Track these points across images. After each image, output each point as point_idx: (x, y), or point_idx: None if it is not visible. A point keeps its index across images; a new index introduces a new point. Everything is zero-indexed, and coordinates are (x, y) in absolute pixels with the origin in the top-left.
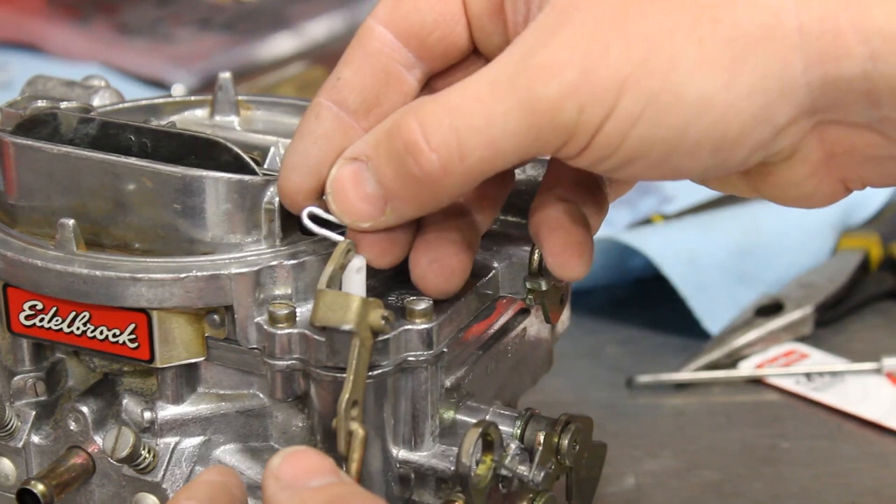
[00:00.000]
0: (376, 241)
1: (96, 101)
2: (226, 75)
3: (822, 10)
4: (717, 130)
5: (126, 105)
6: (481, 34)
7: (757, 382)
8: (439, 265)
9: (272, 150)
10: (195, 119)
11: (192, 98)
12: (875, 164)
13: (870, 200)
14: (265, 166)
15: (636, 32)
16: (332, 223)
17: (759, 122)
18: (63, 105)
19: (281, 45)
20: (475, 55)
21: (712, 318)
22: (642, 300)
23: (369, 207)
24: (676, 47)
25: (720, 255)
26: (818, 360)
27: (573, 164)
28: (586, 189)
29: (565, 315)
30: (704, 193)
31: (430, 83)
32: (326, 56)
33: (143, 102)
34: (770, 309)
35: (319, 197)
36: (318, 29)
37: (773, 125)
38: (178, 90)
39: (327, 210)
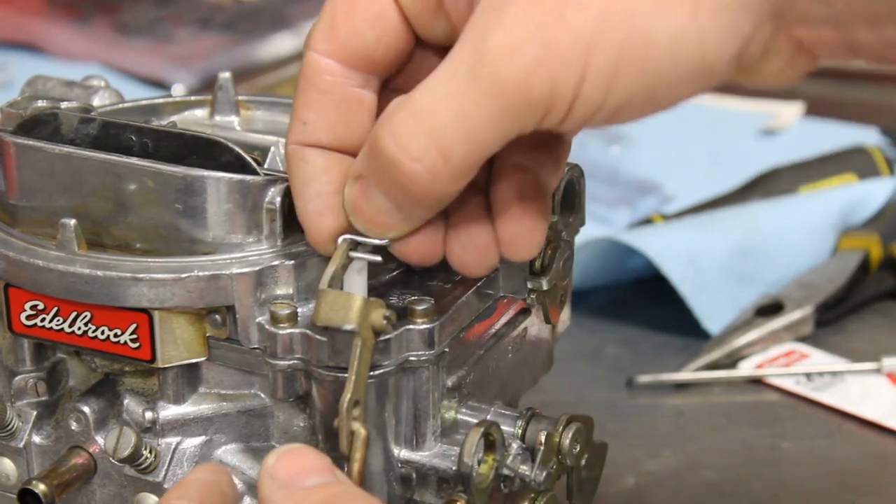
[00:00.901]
0: (415, 247)
1: (96, 102)
2: (226, 75)
3: None
4: (693, 59)
5: (126, 105)
6: (424, 30)
7: (757, 382)
8: (473, 246)
9: (272, 149)
10: (195, 119)
11: (192, 98)
12: (841, 50)
13: (870, 200)
14: (265, 166)
15: None
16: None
17: (729, 37)
18: (63, 105)
19: (281, 45)
20: (421, 46)
21: (712, 318)
22: (642, 300)
23: (386, 218)
24: None
25: (720, 255)
26: (818, 360)
27: (561, 131)
28: (544, 144)
29: (565, 315)
30: (704, 193)
31: (387, 84)
32: None
33: (143, 102)
34: (770, 309)
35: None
36: None
37: (742, 36)
38: (178, 90)
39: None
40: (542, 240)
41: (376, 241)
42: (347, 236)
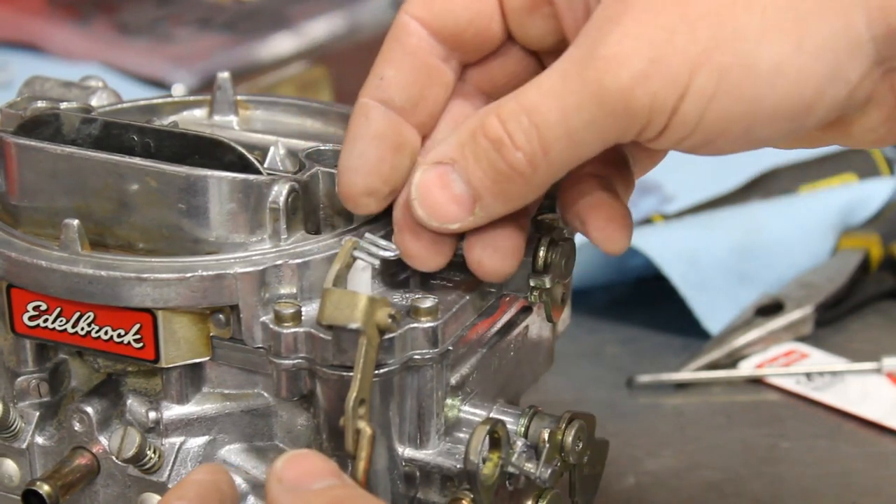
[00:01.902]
0: (487, 251)
1: (94, 102)
2: (224, 75)
3: None
4: (793, 95)
5: (125, 105)
6: (518, 27)
7: (757, 382)
8: (493, 249)
9: (272, 149)
10: (194, 119)
11: (191, 98)
12: None
13: (870, 200)
14: (265, 165)
15: (697, 11)
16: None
17: (832, 80)
18: (63, 105)
19: (281, 45)
20: (510, 42)
21: (712, 318)
22: (642, 300)
23: (458, 208)
24: (739, 19)
25: (720, 255)
26: (818, 359)
27: (654, 147)
28: (614, 166)
29: (566, 314)
30: (704, 193)
31: (466, 71)
32: (326, 56)
33: (142, 102)
34: (770, 309)
35: (382, 197)
36: (318, 29)
37: (847, 81)
38: (178, 90)
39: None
40: (631, 230)
41: (383, 253)
42: (351, 237)
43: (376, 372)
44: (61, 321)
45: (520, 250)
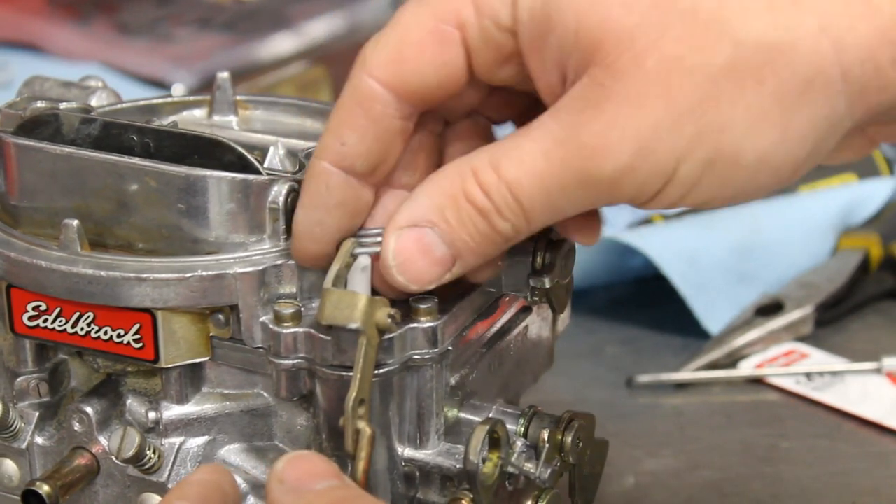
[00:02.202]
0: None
1: (94, 102)
2: (224, 75)
3: (862, 52)
4: (775, 177)
5: (124, 105)
6: (485, 76)
7: (757, 382)
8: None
9: (271, 149)
10: (193, 119)
11: (191, 98)
12: None
13: (870, 200)
14: (265, 165)
15: (683, 106)
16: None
17: (812, 157)
18: (62, 106)
19: (281, 45)
20: (471, 87)
21: (712, 318)
22: (642, 300)
23: (440, 270)
24: (724, 114)
25: (720, 255)
26: (818, 359)
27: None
28: None
29: (566, 313)
30: None
31: (424, 118)
32: (326, 56)
33: (142, 103)
34: (770, 309)
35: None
36: (318, 29)
37: (824, 154)
38: (178, 90)
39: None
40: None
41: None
42: (351, 237)
43: (376, 372)
44: (61, 321)
45: (497, 266)
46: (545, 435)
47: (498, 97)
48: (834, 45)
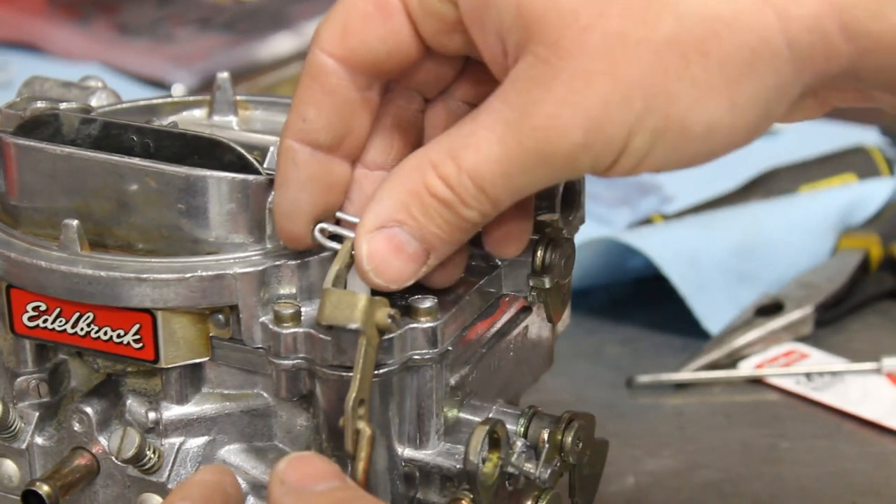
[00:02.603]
0: (437, 277)
1: (93, 102)
2: (224, 75)
3: (808, 21)
4: (725, 144)
5: (124, 106)
6: (437, 45)
7: (757, 382)
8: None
9: (271, 149)
10: (193, 119)
11: (190, 98)
12: (857, 104)
13: (870, 200)
14: (265, 166)
15: (630, 80)
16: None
17: (761, 123)
18: (62, 106)
19: (281, 45)
20: (430, 54)
21: (712, 318)
22: (642, 300)
23: (415, 265)
24: (671, 87)
25: (720, 255)
26: (818, 360)
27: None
28: None
29: (566, 313)
30: (704, 193)
31: (391, 91)
32: None
33: (142, 103)
34: (770, 309)
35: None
36: None
37: (775, 118)
38: (178, 90)
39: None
40: (525, 242)
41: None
42: (323, 225)
43: (376, 372)
44: (61, 321)
45: (465, 259)
46: (545, 435)
47: (472, 74)
48: (778, 15)
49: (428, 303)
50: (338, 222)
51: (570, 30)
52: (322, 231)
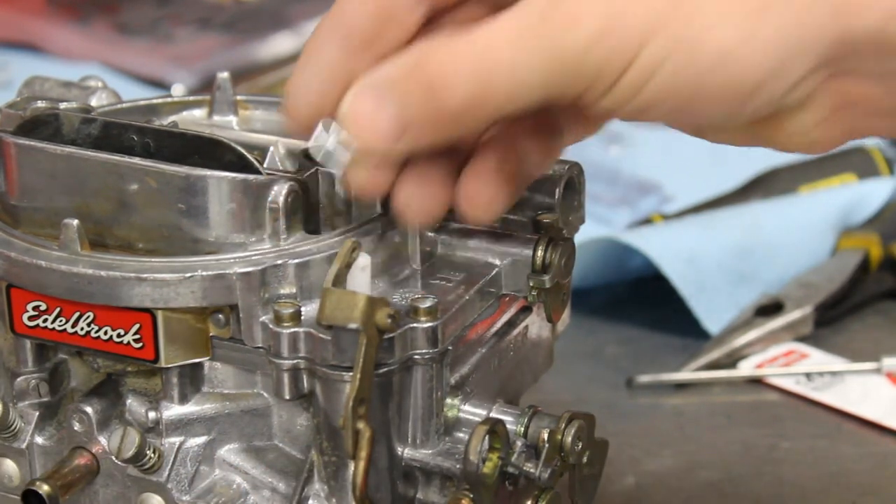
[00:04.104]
0: (416, 192)
1: (94, 102)
2: (224, 75)
3: None
4: (733, 82)
5: (124, 105)
6: None
7: (757, 382)
8: (423, 191)
9: (271, 149)
10: (193, 119)
11: (190, 98)
12: (879, 117)
13: (870, 200)
14: (265, 166)
15: None
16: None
17: (776, 75)
18: (62, 106)
19: (281, 45)
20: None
21: (712, 318)
22: (642, 300)
23: (386, 129)
24: (692, 0)
25: (720, 255)
26: (818, 359)
27: (590, 112)
28: (537, 132)
29: (565, 313)
30: (704, 193)
31: (434, 17)
32: None
33: (142, 103)
34: (770, 309)
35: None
36: None
37: (789, 79)
38: (178, 90)
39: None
40: (496, 211)
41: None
42: (352, 237)
43: (376, 372)
44: (61, 321)
45: (447, 197)
46: (545, 435)
47: None
48: None
49: (428, 302)
50: None
51: None
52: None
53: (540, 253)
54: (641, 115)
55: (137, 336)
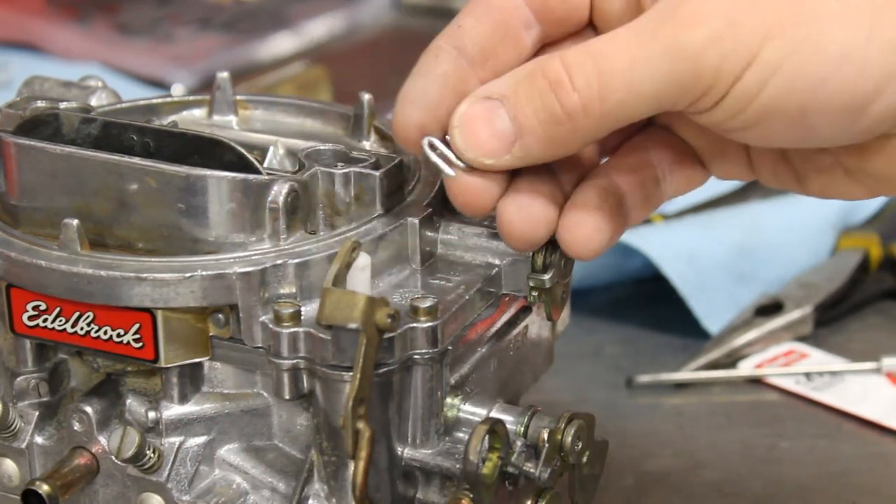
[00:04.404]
0: (471, 187)
1: (94, 102)
2: (224, 75)
3: None
4: (855, 84)
5: (124, 105)
6: (601, 2)
7: (757, 382)
8: (528, 213)
9: (271, 149)
10: (193, 119)
11: (190, 98)
12: None
13: (869, 200)
14: (265, 165)
15: None
16: (446, 159)
17: (891, 82)
18: (62, 105)
19: (281, 45)
20: (590, 28)
21: (712, 317)
22: (642, 300)
23: (497, 144)
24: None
25: (720, 255)
26: (818, 359)
27: (704, 121)
28: (640, 179)
29: (565, 313)
30: (704, 193)
31: (544, 48)
32: (326, 56)
33: (141, 102)
34: (770, 309)
35: (432, 133)
36: (318, 29)
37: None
38: (178, 90)
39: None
40: (596, 246)
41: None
42: (432, 139)
43: (376, 372)
44: (61, 321)
45: (551, 223)
46: (545, 435)
47: None
48: None
49: (428, 302)
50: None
51: None
52: (430, 144)
53: (540, 253)
54: (752, 131)
55: (137, 336)
